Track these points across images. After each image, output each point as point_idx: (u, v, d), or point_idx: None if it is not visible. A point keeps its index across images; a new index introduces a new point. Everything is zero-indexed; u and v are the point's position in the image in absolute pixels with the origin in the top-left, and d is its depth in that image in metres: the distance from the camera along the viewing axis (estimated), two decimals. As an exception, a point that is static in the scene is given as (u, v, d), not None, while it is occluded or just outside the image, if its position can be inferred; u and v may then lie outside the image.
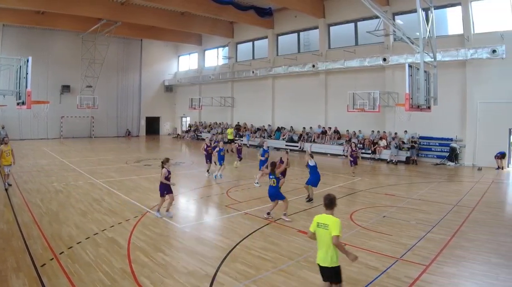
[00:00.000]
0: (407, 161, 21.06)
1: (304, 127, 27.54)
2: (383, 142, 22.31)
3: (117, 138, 37.29)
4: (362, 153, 22.68)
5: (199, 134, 36.96)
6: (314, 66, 25.81)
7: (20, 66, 12.29)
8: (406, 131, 21.85)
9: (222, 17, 29.13)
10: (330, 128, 26.01)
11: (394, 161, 21.22)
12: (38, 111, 23.83)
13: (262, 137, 29.69)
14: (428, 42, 15.13)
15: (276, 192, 9.54)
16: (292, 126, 28.68)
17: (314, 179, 11.45)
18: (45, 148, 26.10)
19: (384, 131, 23.02)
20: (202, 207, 11.47)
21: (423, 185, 14.74)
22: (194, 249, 7.50)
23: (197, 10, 27.74)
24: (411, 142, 21.42)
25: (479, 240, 8.01)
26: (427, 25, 15.02)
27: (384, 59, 21.67)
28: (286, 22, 29.41)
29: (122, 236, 8.09)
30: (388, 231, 8.57)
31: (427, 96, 14.88)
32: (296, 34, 29.40)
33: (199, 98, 35.33)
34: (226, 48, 35.80)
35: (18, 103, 12.56)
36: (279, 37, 30.78)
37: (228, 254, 7.15)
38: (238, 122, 33.66)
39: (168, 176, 9.43)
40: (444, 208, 10.86)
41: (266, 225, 9.06)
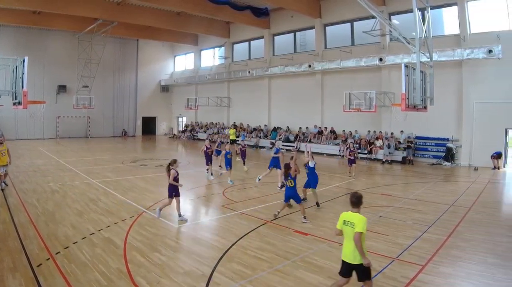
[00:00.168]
0: (403, 161, 21.11)
1: (300, 128, 27.56)
2: (379, 143, 22.36)
3: (113, 138, 37.20)
4: (359, 153, 22.66)
5: (195, 134, 37.02)
6: (310, 66, 25.82)
7: (16, 66, 12.25)
8: (402, 132, 21.91)
9: (218, 17, 29.13)
10: (326, 128, 26.05)
11: (389, 161, 21.28)
12: (34, 111, 23.77)
13: (258, 137, 29.75)
14: (424, 42, 15.13)
15: (294, 193, 9.51)
16: (288, 127, 28.70)
17: (313, 180, 11.22)
18: (41, 148, 25.98)
19: (380, 132, 23.09)
20: (199, 207, 11.44)
21: (420, 185, 14.78)
22: (190, 249, 7.50)
23: (193, 10, 27.73)
24: (407, 142, 21.48)
25: (475, 240, 8.04)
26: (423, 25, 15.02)
27: (380, 59, 21.72)
28: (282, 22, 29.42)
29: (118, 236, 8.07)
30: (384, 231, 8.58)
31: (423, 96, 14.90)
32: (292, 34, 29.44)
33: (195, 98, 35.40)
34: (222, 48, 35.78)
35: (14, 103, 12.53)
36: (275, 37, 30.79)
37: (224, 254, 7.14)
38: (234, 122, 33.63)
39: (176, 177, 9.29)
40: (440, 208, 10.90)
41: (262, 225, 9.06)
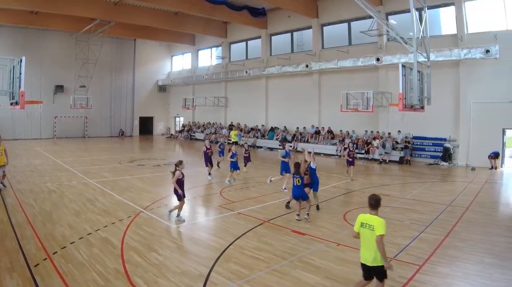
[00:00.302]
0: (401, 161, 21.14)
1: (297, 127, 27.57)
2: (377, 142, 22.38)
3: (110, 138, 37.11)
4: (356, 153, 22.66)
5: (193, 134, 36.97)
6: (307, 66, 25.83)
7: (13, 66, 12.18)
8: (399, 131, 21.95)
9: (216, 17, 29.10)
10: (323, 128, 26.07)
11: (385, 161, 21.33)
12: (32, 111, 23.72)
13: (256, 137, 29.74)
14: (421, 42, 15.18)
15: (301, 191, 9.52)
16: (285, 126, 28.70)
17: (314, 182, 10.70)
18: (38, 148, 25.90)
19: (377, 131, 23.10)
20: (196, 207, 11.42)
21: (417, 185, 14.80)
22: (187, 249, 7.50)
23: (190, 10, 27.67)
24: (405, 142, 21.51)
25: (473, 240, 8.05)
26: (421, 25, 15.06)
27: (377, 59, 21.73)
28: (279, 22, 29.39)
29: (115, 236, 8.06)
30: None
31: (421, 96, 14.92)
32: (289, 34, 29.41)
33: (193, 98, 35.33)
34: (220, 48, 35.73)
35: (11, 104, 12.45)
36: (273, 37, 30.77)
37: (221, 254, 7.13)
38: (232, 122, 33.64)
39: (182, 179, 9.18)
40: (437, 208, 10.91)
41: (259, 225, 9.06)
